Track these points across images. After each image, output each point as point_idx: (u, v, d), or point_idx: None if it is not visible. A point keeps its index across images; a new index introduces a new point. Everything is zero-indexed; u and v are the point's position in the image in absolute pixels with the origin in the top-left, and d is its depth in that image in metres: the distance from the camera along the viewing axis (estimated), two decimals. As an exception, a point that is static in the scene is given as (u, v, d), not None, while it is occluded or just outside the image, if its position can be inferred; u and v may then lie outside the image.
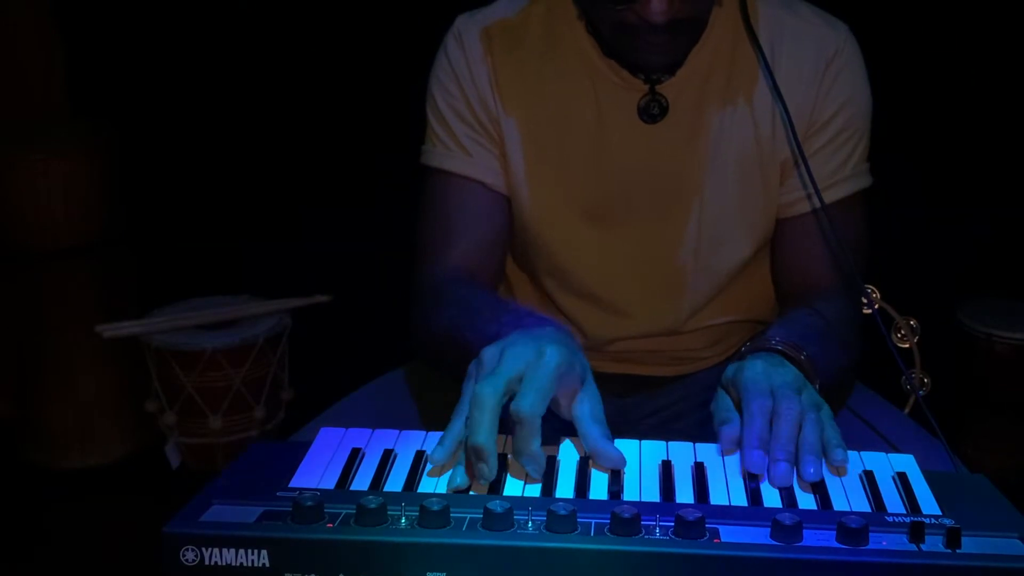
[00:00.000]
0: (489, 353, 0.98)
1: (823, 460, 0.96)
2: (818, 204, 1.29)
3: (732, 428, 1.00)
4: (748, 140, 1.33)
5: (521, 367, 0.94)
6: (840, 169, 1.34)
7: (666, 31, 1.19)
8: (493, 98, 1.34)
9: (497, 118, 1.34)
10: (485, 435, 0.90)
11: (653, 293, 1.39)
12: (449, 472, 0.93)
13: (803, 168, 1.30)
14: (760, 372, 1.03)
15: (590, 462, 0.96)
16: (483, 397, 0.91)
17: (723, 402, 1.06)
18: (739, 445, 0.98)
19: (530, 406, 0.91)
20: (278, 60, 3.01)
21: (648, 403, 1.49)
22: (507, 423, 0.93)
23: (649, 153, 1.33)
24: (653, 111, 1.32)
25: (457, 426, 0.95)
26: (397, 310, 1.38)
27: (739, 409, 1.03)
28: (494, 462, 0.90)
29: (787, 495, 0.92)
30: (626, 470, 0.95)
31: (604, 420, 0.98)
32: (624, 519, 0.80)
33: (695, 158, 1.33)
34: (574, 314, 1.42)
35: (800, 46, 1.32)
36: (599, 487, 0.93)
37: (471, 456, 0.90)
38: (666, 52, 1.25)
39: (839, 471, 0.96)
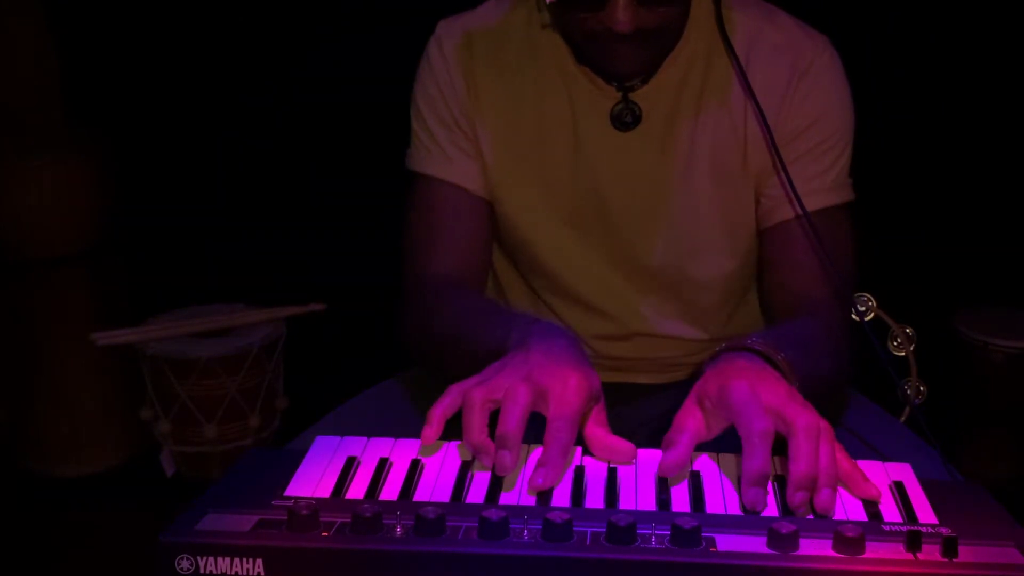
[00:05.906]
0: (516, 359, 1.01)
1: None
2: (797, 213, 1.29)
3: (676, 453, 0.95)
4: (723, 149, 1.33)
5: (547, 381, 0.97)
6: (816, 179, 1.32)
7: (632, 40, 1.19)
8: (471, 104, 1.35)
9: (475, 124, 1.35)
10: (514, 424, 0.93)
11: (633, 296, 1.40)
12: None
13: (781, 175, 1.29)
14: (747, 391, 0.96)
15: (584, 471, 0.96)
16: (516, 393, 0.95)
17: (686, 417, 1.01)
18: (676, 472, 0.95)
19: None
20: (275, 64, 3.01)
21: (641, 412, 1.49)
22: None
23: (623, 160, 1.34)
24: (626, 119, 1.32)
25: (447, 405, 0.99)
26: (392, 318, 1.38)
27: (709, 422, 1.00)
28: (516, 454, 0.92)
29: (783, 503, 0.91)
30: (622, 478, 0.95)
31: (606, 423, 1.02)
32: (620, 528, 0.80)
33: (669, 167, 1.34)
34: (563, 313, 1.43)
35: (775, 55, 1.31)
36: (595, 496, 0.92)
37: (498, 444, 0.92)
38: (633, 61, 1.26)
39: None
